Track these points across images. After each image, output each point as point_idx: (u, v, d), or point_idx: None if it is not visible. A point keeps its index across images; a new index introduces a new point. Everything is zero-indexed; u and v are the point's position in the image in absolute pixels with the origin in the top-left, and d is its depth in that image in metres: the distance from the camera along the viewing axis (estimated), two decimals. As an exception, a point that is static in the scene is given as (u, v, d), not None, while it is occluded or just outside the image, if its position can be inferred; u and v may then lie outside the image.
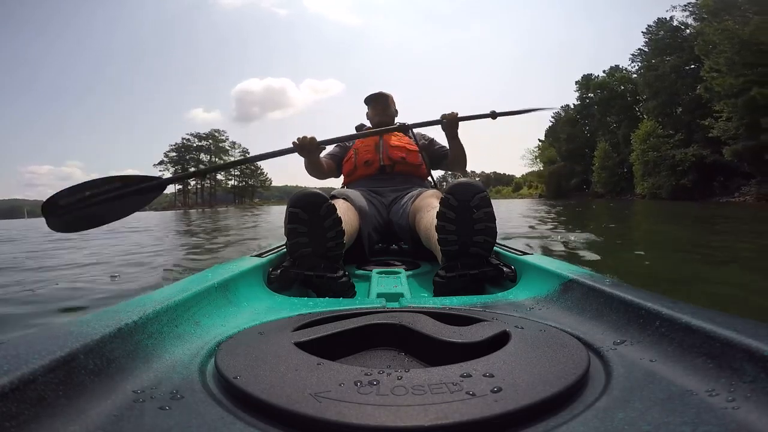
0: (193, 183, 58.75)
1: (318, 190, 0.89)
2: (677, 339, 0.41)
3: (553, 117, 40.15)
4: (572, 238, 3.48)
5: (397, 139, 1.66)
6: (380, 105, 1.78)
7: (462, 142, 1.61)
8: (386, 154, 1.61)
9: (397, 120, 1.85)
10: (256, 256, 0.98)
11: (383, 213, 1.51)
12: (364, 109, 1.86)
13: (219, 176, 59.39)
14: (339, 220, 0.90)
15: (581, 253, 2.75)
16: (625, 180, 25.06)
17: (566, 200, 24.36)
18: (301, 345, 0.44)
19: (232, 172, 60.21)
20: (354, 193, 1.42)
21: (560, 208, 10.67)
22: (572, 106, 37.55)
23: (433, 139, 1.82)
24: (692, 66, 20.47)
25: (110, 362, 0.38)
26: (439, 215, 0.90)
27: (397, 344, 0.50)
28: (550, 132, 41.11)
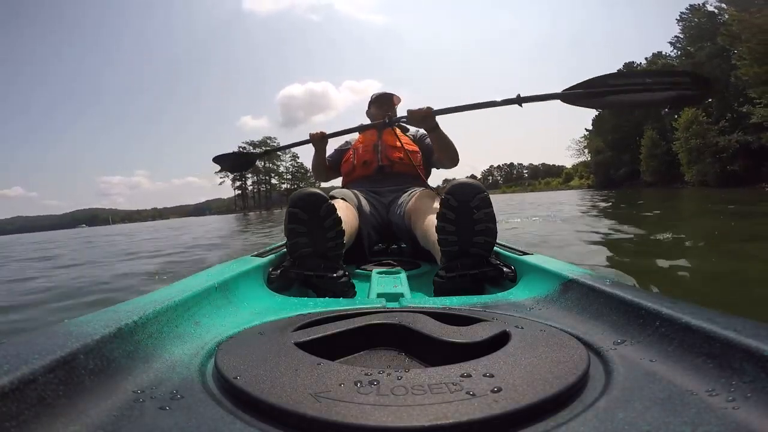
0: (251, 187, 64.46)
1: (318, 190, 0.90)
2: (677, 339, 0.41)
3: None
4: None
5: (395, 139, 1.67)
6: (385, 105, 1.78)
7: (446, 135, 1.47)
8: (384, 154, 1.62)
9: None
10: (256, 256, 0.98)
11: (382, 213, 1.51)
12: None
13: (274, 180, 64.82)
14: (339, 220, 0.90)
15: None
16: (675, 168, 24.09)
17: (611, 190, 23.71)
18: (301, 345, 0.44)
19: (285, 176, 65.14)
20: (353, 193, 1.42)
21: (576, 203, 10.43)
22: None
23: (424, 133, 1.82)
24: (734, 52, 19.33)
25: (110, 362, 0.38)
26: (439, 216, 0.90)
27: (397, 344, 0.50)
28: (596, 121, 39.88)
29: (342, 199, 1.32)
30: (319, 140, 1.69)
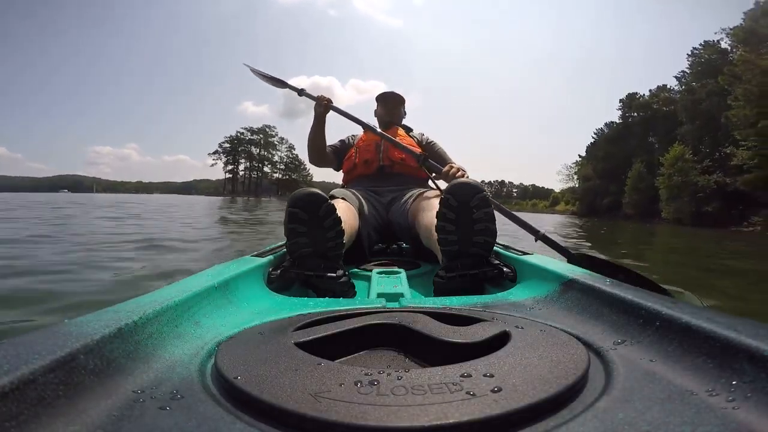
0: (242, 172, 64.64)
1: (317, 190, 0.89)
2: (677, 339, 0.41)
3: (595, 133, 39.75)
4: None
5: (398, 139, 1.66)
6: (391, 104, 1.78)
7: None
8: (386, 154, 1.62)
9: (404, 122, 1.86)
10: (256, 256, 0.98)
11: (382, 213, 1.51)
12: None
13: (266, 169, 64.75)
14: (339, 220, 0.90)
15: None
16: (655, 203, 24.85)
17: (593, 218, 24.83)
18: (301, 345, 0.44)
19: (278, 166, 65.01)
20: (353, 193, 1.42)
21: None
22: (614, 125, 37.01)
23: (434, 143, 1.82)
24: (731, 93, 19.93)
25: (110, 362, 0.38)
26: (439, 215, 0.90)
27: (397, 344, 0.50)
28: (590, 149, 40.39)
29: (342, 198, 1.32)
30: (321, 104, 1.62)
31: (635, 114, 34.47)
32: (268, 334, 0.49)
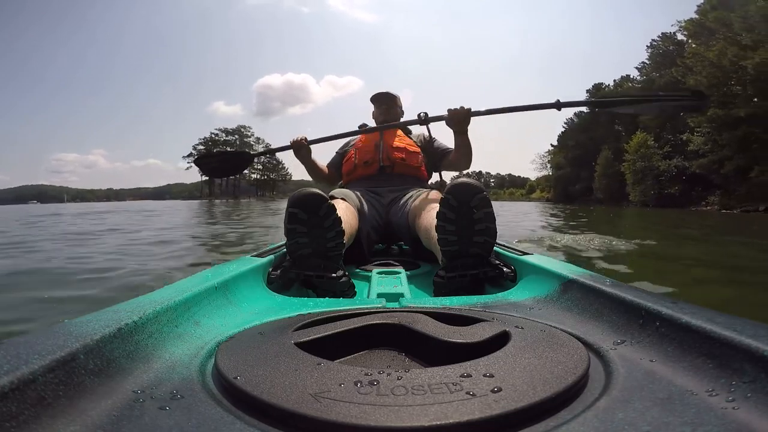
0: None
1: (317, 190, 0.89)
2: (677, 339, 0.41)
3: (565, 123, 41.15)
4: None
5: (398, 140, 1.66)
6: (385, 104, 1.78)
7: (470, 140, 1.58)
8: (386, 154, 1.61)
9: (402, 120, 1.85)
10: (256, 256, 0.98)
11: (382, 213, 1.51)
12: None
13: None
14: (339, 220, 0.90)
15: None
16: (623, 187, 26.59)
17: (566, 204, 27.38)
18: (301, 345, 0.44)
19: (256, 166, 64.16)
20: (353, 193, 1.42)
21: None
22: (583, 114, 38.40)
23: (433, 137, 1.81)
24: (683, 83, 21.57)
25: (110, 362, 0.38)
26: (439, 215, 0.90)
27: (397, 344, 0.50)
28: (562, 138, 41.85)
29: (342, 199, 1.32)
30: (298, 147, 1.67)
31: (601, 104, 36.39)
32: (268, 334, 0.49)
